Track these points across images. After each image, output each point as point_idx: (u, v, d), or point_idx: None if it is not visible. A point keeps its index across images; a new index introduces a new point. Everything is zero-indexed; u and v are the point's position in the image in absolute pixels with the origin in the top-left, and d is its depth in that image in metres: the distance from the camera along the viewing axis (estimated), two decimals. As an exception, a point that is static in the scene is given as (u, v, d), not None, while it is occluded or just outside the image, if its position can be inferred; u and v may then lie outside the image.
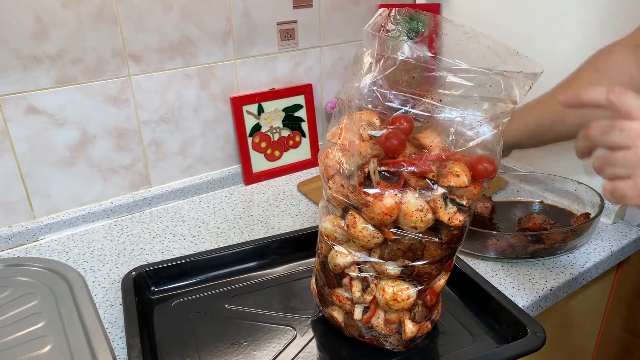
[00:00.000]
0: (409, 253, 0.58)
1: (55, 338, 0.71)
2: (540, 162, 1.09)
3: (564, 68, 0.85)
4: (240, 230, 0.98)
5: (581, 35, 0.95)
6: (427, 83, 0.58)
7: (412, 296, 0.61)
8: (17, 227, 0.95)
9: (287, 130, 1.21)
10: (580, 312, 0.99)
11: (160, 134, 1.06)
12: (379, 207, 0.55)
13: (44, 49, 0.89)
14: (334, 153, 0.60)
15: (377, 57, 0.58)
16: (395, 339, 0.64)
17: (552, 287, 0.80)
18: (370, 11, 1.24)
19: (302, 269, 0.84)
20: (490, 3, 1.09)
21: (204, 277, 0.81)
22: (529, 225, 0.89)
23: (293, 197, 1.10)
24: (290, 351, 0.67)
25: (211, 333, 0.70)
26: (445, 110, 0.57)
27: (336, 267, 0.63)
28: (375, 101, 0.59)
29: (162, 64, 1.01)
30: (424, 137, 0.59)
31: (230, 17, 1.05)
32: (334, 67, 1.24)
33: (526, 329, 0.64)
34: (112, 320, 0.75)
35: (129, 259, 0.90)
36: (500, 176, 1.08)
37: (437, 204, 0.56)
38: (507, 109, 0.57)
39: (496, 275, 0.83)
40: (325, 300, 0.68)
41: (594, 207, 0.92)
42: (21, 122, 0.90)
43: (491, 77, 0.56)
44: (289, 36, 1.15)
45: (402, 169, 0.55)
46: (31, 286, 0.82)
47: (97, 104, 0.97)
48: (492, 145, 0.57)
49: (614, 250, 0.89)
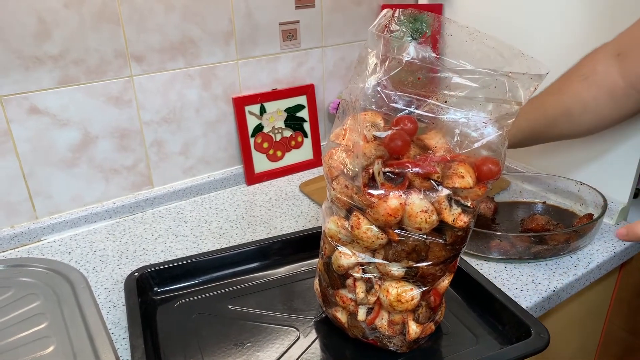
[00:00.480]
0: (413, 254, 0.58)
1: (58, 339, 0.71)
2: (543, 163, 1.09)
3: (567, 66, 0.86)
4: (242, 231, 0.98)
5: (583, 33, 0.94)
6: (432, 84, 0.58)
7: (416, 297, 0.61)
8: (20, 228, 0.95)
9: (289, 131, 1.21)
10: (582, 312, 0.99)
11: (163, 135, 1.06)
12: (384, 208, 0.55)
13: (46, 50, 0.88)
14: (338, 154, 0.60)
15: (382, 58, 0.58)
16: (398, 340, 0.64)
17: (555, 288, 0.80)
18: (372, 12, 1.24)
19: (305, 269, 0.84)
20: (492, 2, 1.09)
21: (206, 277, 0.81)
22: (531, 226, 0.89)
23: (295, 198, 1.10)
24: (294, 352, 0.67)
25: (214, 334, 0.70)
26: (450, 111, 0.57)
27: (340, 268, 0.63)
28: (380, 102, 0.59)
29: (164, 64, 1.01)
30: (428, 138, 0.59)
31: (232, 17, 1.05)
32: (336, 68, 1.24)
33: (530, 330, 0.64)
34: (115, 321, 0.75)
35: (132, 260, 0.90)
36: (503, 177, 1.08)
37: (442, 205, 0.56)
38: (512, 110, 0.57)
39: (499, 276, 0.83)
40: (329, 301, 0.68)
41: (596, 207, 0.91)
42: (23, 123, 0.90)
43: (496, 78, 0.56)
44: (291, 36, 1.15)
45: (406, 170, 0.55)
46: (34, 287, 0.82)
47: (99, 105, 0.97)
48: (497, 147, 0.57)
49: (617, 251, 0.89)
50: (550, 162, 1.07)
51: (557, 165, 1.05)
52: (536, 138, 0.90)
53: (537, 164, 1.10)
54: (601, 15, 0.91)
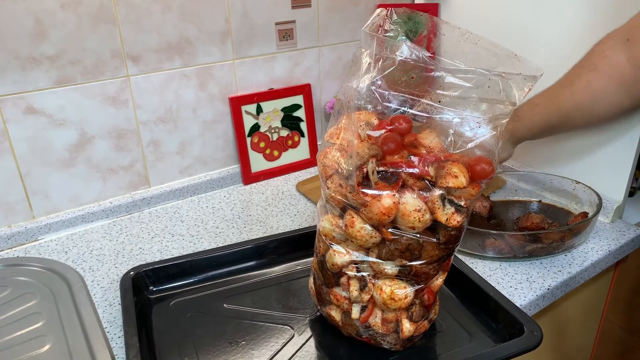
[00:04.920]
0: (407, 253, 0.59)
1: (54, 337, 0.71)
2: (538, 162, 1.09)
3: (562, 63, 0.86)
4: (238, 230, 0.98)
5: (580, 30, 0.95)
6: (425, 83, 0.58)
7: (409, 295, 0.61)
8: (17, 227, 0.95)
9: (285, 130, 1.21)
10: (579, 311, 0.99)
11: (159, 134, 1.06)
12: (377, 207, 0.55)
13: (42, 50, 0.89)
14: (332, 153, 0.60)
15: (375, 58, 0.59)
16: (392, 338, 0.64)
17: (549, 286, 0.80)
18: (369, 11, 1.24)
19: (301, 268, 0.84)
20: (488, 2, 1.09)
21: (202, 276, 0.81)
22: (527, 224, 0.90)
23: (292, 197, 1.11)
24: (288, 350, 0.67)
25: (209, 332, 0.71)
26: (444, 111, 0.58)
27: (334, 266, 0.63)
28: (374, 101, 0.59)
29: (161, 64, 1.01)
30: (422, 137, 0.59)
31: (228, 17, 1.06)
32: (332, 67, 1.25)
33: (523, 328, 0.65)
34: (111, 319, 0.75)
35: (128, 259, 0.90)
36: (498, 175, 1.08)
37: (435, 204, 0.56)
38: (506, 111, 0.57)
39: (494, 274, 0.83)
40: (323, 299, 0.68)
41: (591, 206, 0.92)
42: (20, 123, 0.91)
43: (490, 78, 0.56)
44: (288, 36, 1.15)
45: (400, 170, 0.56)
46: (30, 286, 0.82)
47: (96, 105, 0.97)
48: (491, 147, 0.58)
49: (612, 250, 0.89)
50: (545, 161, 1.07)
51: (553, 164, 1.06)
52: (551, 131, 0.91)
53: (533, 163, 1.10)
54: (600, 15, 0.91)
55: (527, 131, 0.90)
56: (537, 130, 0.90)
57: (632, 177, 0.95)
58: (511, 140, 0.92)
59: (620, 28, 0.81)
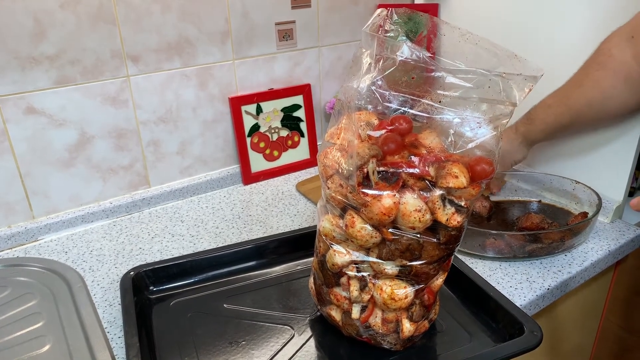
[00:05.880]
0: (407, 253, 0.59)
1: (54, 337, 0.71)
2: (538, 162, 1.09)
3: (564, 62, 0.86)
4: (238, 230, 0.98)
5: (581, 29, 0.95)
6: (426, 84, 0.58)
7: (409, 295, 0.61)
8: (17, 227, 0.95)
9: (285, 130, 1.21)
10: (578, 310, 0.99)
11: (159, 134, 1.06)
12: (378, 208, 0.55)
13: (42, 50, 0.89)
14: (332, 153, 0.60)
15: (376, 58, 0.58)
16: (392, 338, 0.64)
17: (549, 286, 0.80)
18: (369, 11, 1.25)
19: (301, 268, 0.84)
20: (488, 2, 1.09)
21: (202, 276, 0.81)
22: (526, 224, 0.90)
23: (292, 197, 1.11)
24: (288, 350, 0.67)
25: (209, 332, 0.71)
26: (444, 111, 0.58)
27: (334, 266, 0.63)
28: (375, 101, 0.59)
29: (161, 64, 1.01)
30: (423, 137, 0.60)
31: (228, 17, 1.06)
32: (332, 67, 1.25)
33: (523, 328, 0.65)
34: (111, 319, 0.75)
35: (128, 259, 0.90)
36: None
37: (436, 204, 0.56)
38: (507, 111, 0.57)
39: (494, 274, 0.83)
40: (323, 299, 0.68)
41: (591, 206, 0.92)
42: (20, 123, 0.91)
43: (490, 78, 0.56)
44: (288, 36, 1.15)
45: (400, 170, 0.56)
46: (30, 286, 0.82)
47: (96, 105, 0.97)
48: (491, 147, 0.58)
49: (612, 249, 0.89)
50: (545, 161, 1.07)
51: (553, 164, 1.06)
52: (564, 131, 0.92)
53: (533, 163, 1.10)
54: (600, 15, 0.91)
55: (541, 132, 0.91)
56: (550, 131, 0.91)
57: (632, 177, 0.95)
58: (525, 142, 0.94)
59: (624, 25, 0.81)
